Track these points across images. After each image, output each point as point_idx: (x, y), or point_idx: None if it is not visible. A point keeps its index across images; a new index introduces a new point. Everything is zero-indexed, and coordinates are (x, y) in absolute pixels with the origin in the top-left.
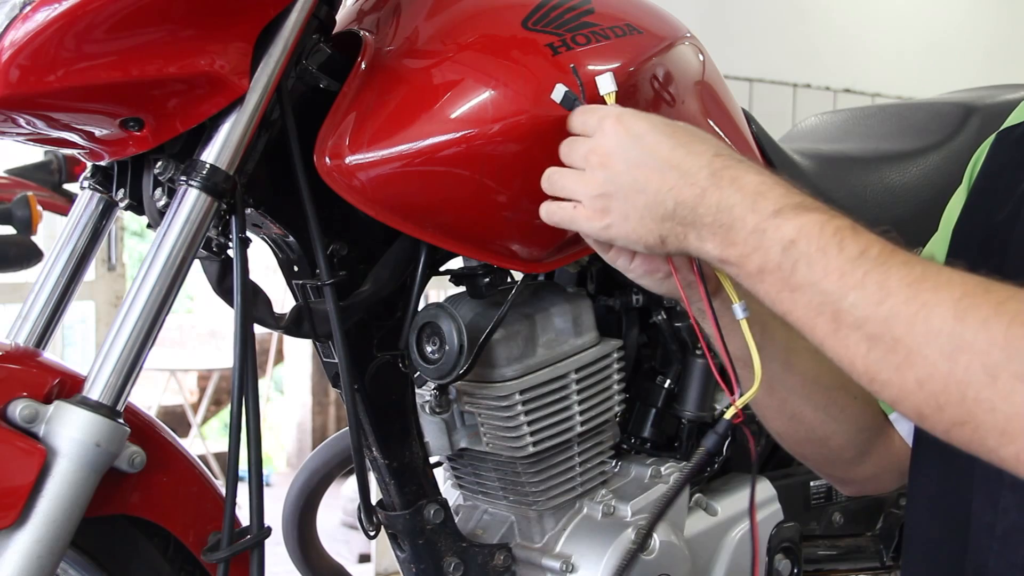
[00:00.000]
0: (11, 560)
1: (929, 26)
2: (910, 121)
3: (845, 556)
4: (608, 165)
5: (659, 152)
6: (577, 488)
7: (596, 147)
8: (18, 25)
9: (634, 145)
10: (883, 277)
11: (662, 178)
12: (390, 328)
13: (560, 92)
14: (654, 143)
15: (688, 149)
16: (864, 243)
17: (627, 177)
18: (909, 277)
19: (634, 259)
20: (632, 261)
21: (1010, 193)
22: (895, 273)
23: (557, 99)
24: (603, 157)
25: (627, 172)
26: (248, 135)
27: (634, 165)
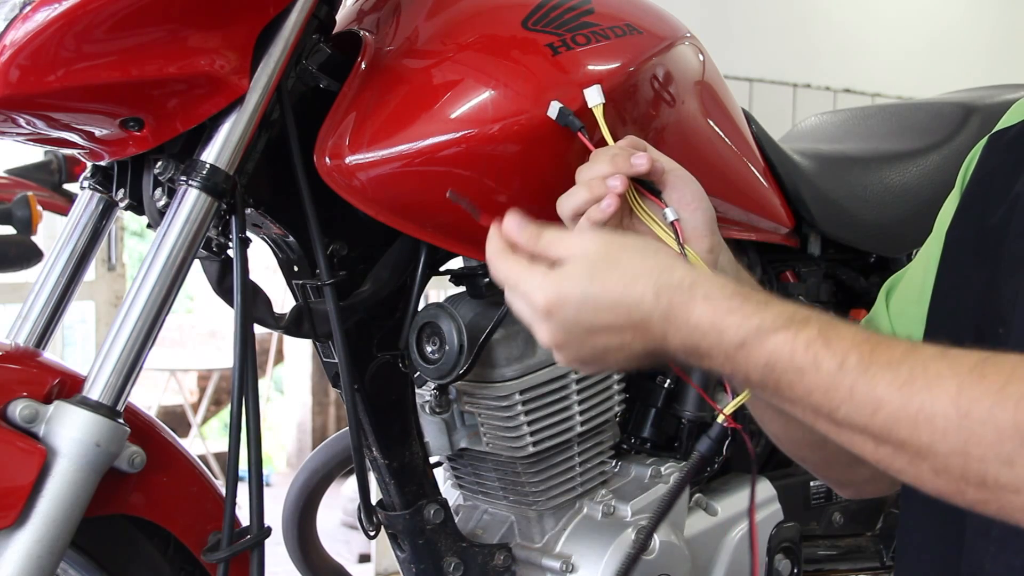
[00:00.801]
0: (11, 560)
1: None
2: (910, 121)
3: (845, 556)
4: (563, 344)
5: (601, 318)
6: (577, 488)
7: (540, 331)
8: (18, 25)
9: (576, 326)
10: (870, 387)
11: (620, 337)
12: (390, 328)
13: (555, 109)
14: (593, 313)
15: (626, 300)
16: (840, 353)
17: (587, 349)
18: (897, 380)
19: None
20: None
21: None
22: (881, 380)
23: (552, 115)
24: (554, 340)
25: (583, 345)
26: (248, 135)
27: (586, 337)
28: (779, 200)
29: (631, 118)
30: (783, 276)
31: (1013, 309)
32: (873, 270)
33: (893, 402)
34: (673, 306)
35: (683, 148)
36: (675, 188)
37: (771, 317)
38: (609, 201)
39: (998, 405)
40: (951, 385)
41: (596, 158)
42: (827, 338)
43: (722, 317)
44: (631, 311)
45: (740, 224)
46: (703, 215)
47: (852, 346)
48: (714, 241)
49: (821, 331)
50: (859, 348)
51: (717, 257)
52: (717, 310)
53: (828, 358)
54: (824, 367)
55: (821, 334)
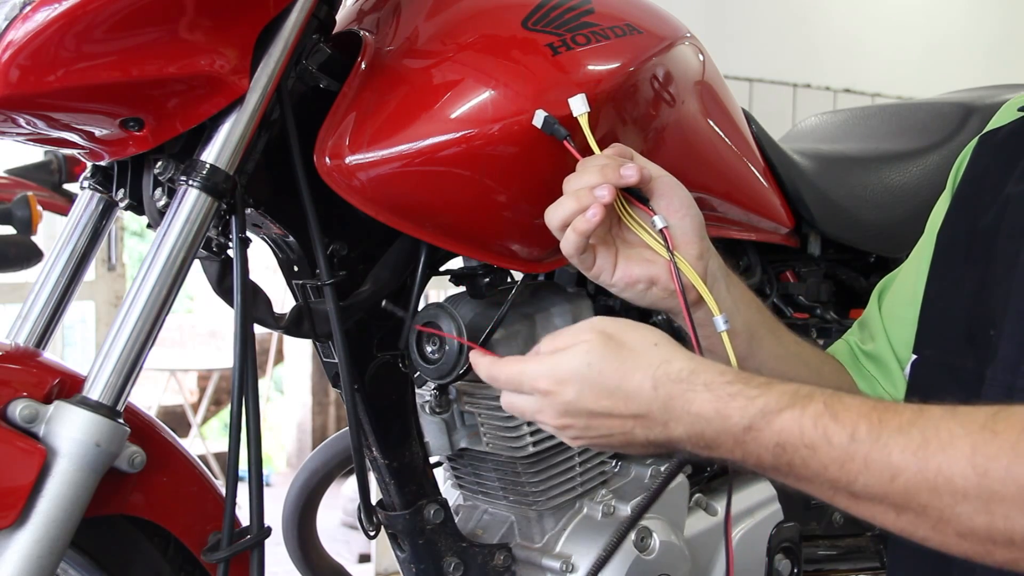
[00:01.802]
0: (11, 560)
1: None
2: (910, 121)
3: (845, 556)
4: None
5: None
6: (577, 488)
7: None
8: (18, 25)
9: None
10: (884, 454)
11: (623, 424)
12: (390, 328)
13: (540, 118)
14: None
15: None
16: (850, 425)
17: (591, 432)
18: (911, 445)
19: (614, 274)
20: (612, 276)
21: (994, 197)
22: (895, 446)
23: (538, 124)
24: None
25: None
26: (248, 135)
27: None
28: (779, 200)
29: (631, 118)
30: (783, 276)
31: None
32: (873, 270)
33: (910, 467)
34: (673, 397)
35: (683, 148)
36: (663, 195)
37: (775, 397)
38: (595, 211)
39: (1015, 461)
40: (965, 445)
41: (584, 168)
42: (834, 411)
43: (725, 403)
44: (629, 401)
45: (740, 224)
46: (692, 221)
47: (860, 416)
48: (703, 247)
49: (827, 405)
50: (868, 417)
51: (707, 263)
52: (719, 396)
53: (838, 431)
54: (836, 440)
55: (827, 408)
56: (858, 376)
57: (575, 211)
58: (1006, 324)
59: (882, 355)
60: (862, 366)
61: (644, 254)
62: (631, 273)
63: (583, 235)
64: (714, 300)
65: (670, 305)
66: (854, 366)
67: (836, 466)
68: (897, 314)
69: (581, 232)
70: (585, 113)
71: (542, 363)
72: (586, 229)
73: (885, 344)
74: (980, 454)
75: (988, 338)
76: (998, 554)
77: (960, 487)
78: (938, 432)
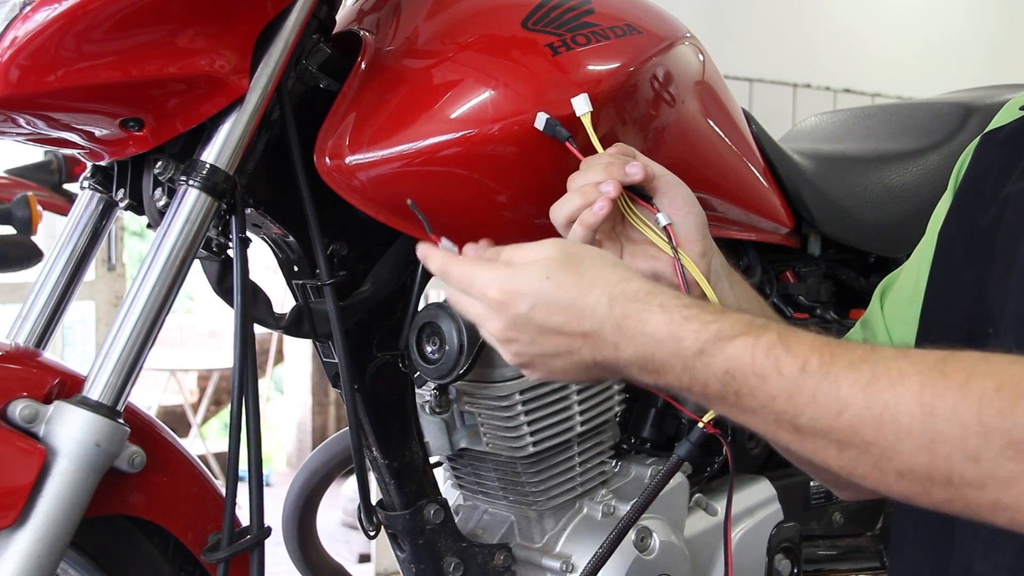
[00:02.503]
0: (11, 560)
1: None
2: (910, 121)
3: (845, 556)
4: (512, 340)
5: (554, 319)
6: (577, 488)
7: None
8: (18, 25)
9: (527, 321)
10: (833, 388)
11: (570, 342)
12: (390, 328)
13: (542, 120)
14: (546, 312)
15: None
16: (802, 356)
17: (536, 348)
18: (860, 381)
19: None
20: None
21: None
22: (844, 380)
23: (540, 126)
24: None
25: (533, 343)
26: (248, 135)
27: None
28: (779, 200)
29: (631, 118)
30: (783, 276)
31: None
32: (873, 270)
33: (857, 402)
34: (627, 315)
35: (683, 148)
36: (666, 193)
37: (730, 324)
38: (602, 204)
39: (962, 401)
40: (914, 383)
41: (588, 166)
42: (787, 343)
43: (679, 325)
44: (583, 317)
45: (740, 224)
46: (695, 219)
47: (812, 349)
48: (706, 244)
49: (780, 336)
50: (820, 351)
51: (710, 260)
52: (673, 319)
53: (790, 362)
54: (786, 371)
55: (781, 339)
56: None
57: (581, 207)
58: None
59: None
60: None
61: (648, 250)
62: (636, 267)
63: (590, 228)
64: (717, 297)
65: None
66: None
67: (784, 397)
68: (898, 313)
69: (588, 226)
70: (588, 113)
71: (497, 271)
72: (593, 222)
73: (887, 343)
74: (928, 393)
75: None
76: (935, 493)
77: (905, 424)
78: (888, 369)
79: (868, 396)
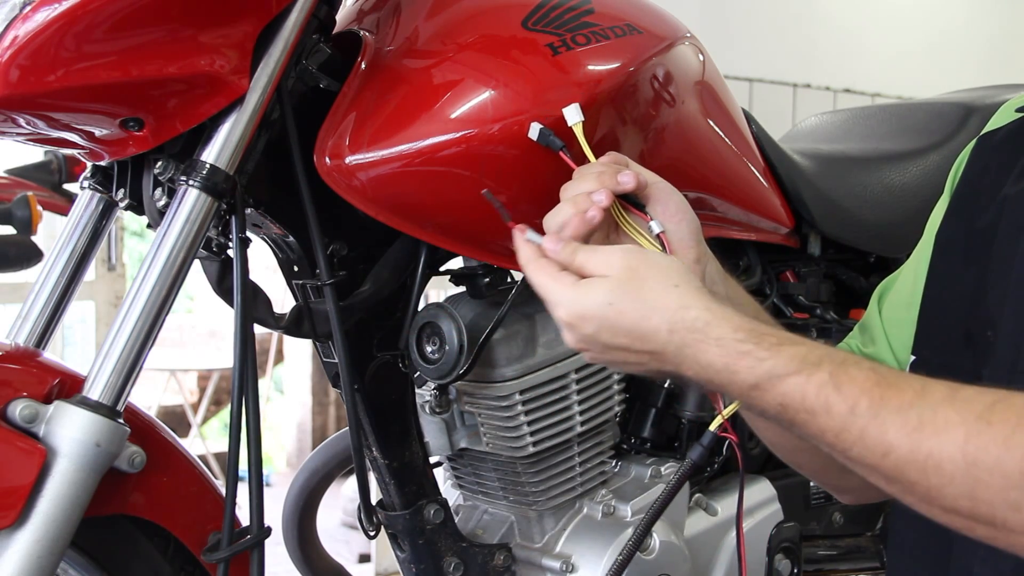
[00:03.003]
0: (11, 560)
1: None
2: (910, 121)
3: (845, 556)
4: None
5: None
6: (577, 488)
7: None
8: (18, 25)
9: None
10: (880, 431)
11: (638, 357)
12: (390, 328)
13: (535, 130)
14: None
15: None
16: (851, 398)
17: (607, 356)
18: (907, 426)
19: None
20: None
21: (991, 198)
22: (891, 424)
23: (533, 137)
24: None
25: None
26: (248, 135)
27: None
28: (779, 200)
29: (631, 118)
30: (783, 276)
31: (1001, 312)
32: (873, 270)
33: (903, 447)
34: (686, 344)
35: (683, 148)
36: (659, 201)
37: (783, 361)
38: (593, 213)
39: (1006, 454)
40: (959, 433)
41: (581, 176)
42: (838, 382)
43: (734, 360)
44: (645, 340)
45: (740, 224)
46: (688, 226)
47: (863, 391)
48: (700, 251)
49: (832, 375)
50: (870, 393)
51: (704, 267)
52: (729, 353)
53: (839, 403)
54: (835, 411)
55: (832, 378)
56: None
57: (573, 216)
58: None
59: (882, 358)
60: None
61: None
62: None
63: (581, 239)
64: None
65: None
66: None
67: (832, 434)
68: (897, 316)
69: (580, 235)
70: (579, 123)
71: (565, 291)
72: (584, 231)
73: (885, 347)
74: (972, 443)
75: (986, 339)
76: (979, 531)
77: (948, 472)
78: (935, 417)
79: (913, 442)
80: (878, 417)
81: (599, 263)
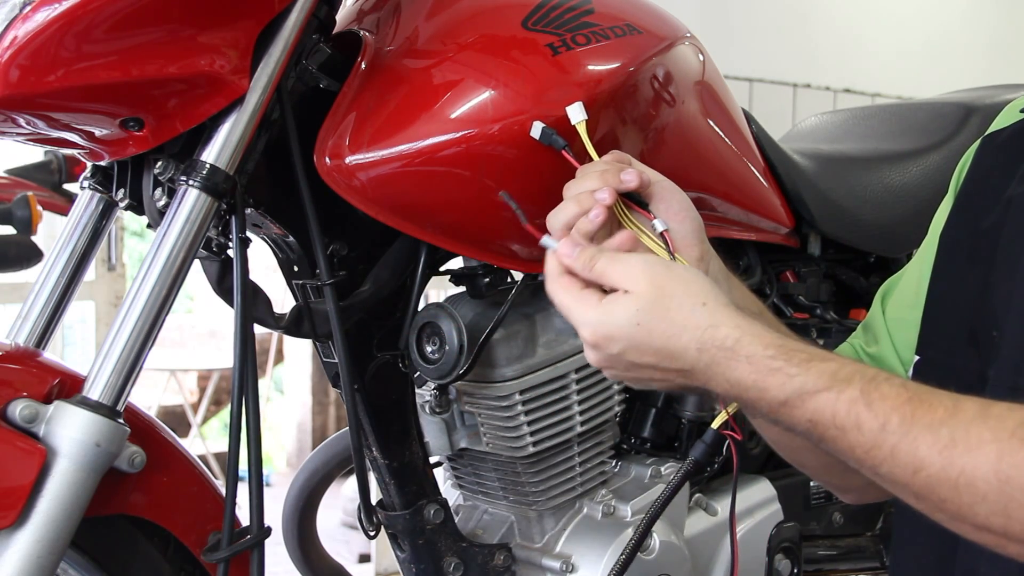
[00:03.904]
0: (11, 560)
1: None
2: (910, 121)
3: (845, 556)
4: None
5: (645, 359)
6: (577, 488)
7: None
8: (18, 25)
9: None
10: (911, 448)
11: (664, 374)
12: (390, 328)
13: (537, 129)
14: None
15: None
16: (882, 415)
17: (631, 373)
18: (939, 444)
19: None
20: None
21: (996, 199)
22: (922, 442)
23: (535, 135)
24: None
25: (629, 371)
26: (248, 135)
27: (631, 368)
28: (779, 200)
29: (631, 118)
30: (783, 276)
31: (1007, 313)
32: (873, 270)
33: (934, 464)
34: (715, 362)
35: (683, 148)
36: (662, 199)
37: (813, 377)
38: (597, 211)
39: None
40: (992, 451)
41: (584, 174)
42: (869, 399)
43: (764, 377)
44: (674, 359)
45: (740, 224)
46: (691, 224)
47: (894, 408)
48: (703, 249)
49: (863, 391)
50: (901, 410)
51: (707, 265)
52: (759, 370)
53: (870, 419)
54: (866, 428)
55: (863, 394)
56: None
57: (577, 214)
58: (1009, 325)
59: (886, 358)
60: None
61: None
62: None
63: (586, 236)
64: None
65: None
66: None
67: (863, 451)
68: (900, 316)
69: (584, 233)
70: (583, 121)
71: (589, 312)
72: (589, 230)
73: (889, 347)
74: (1005, 462)
75: (991, 339)
76: (1011, 548)
77: (981, 490)
78: (967, 435)
79: (945, 460)
80: (909, 434)
81: (621, 276)
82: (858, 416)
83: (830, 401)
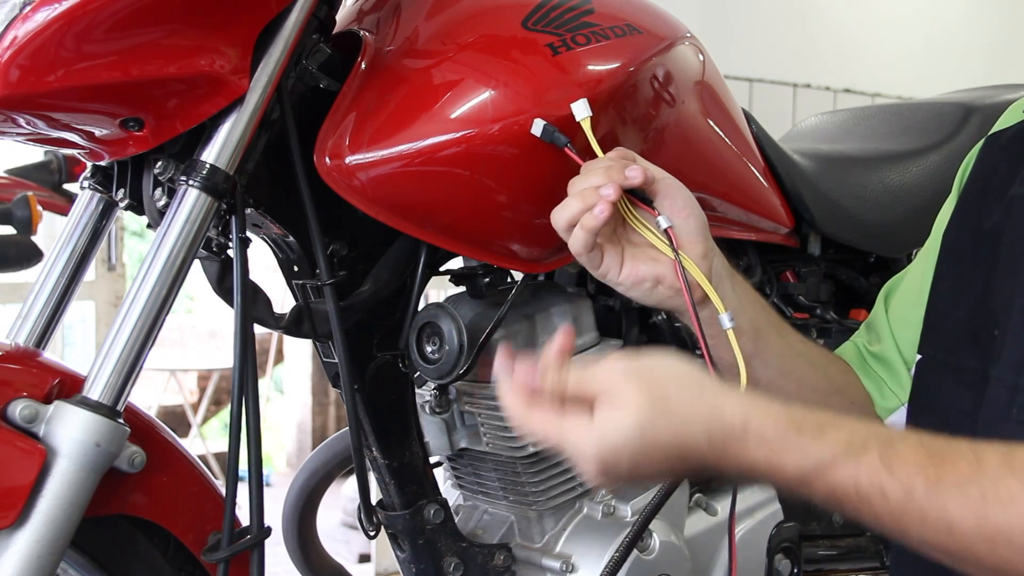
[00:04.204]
0: (11, 560)
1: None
2: (910, 121)
3: (845, 556)
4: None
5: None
6: (577, 488)
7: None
8: (18, 25)
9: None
10: (942, 511)
11: (670, 468)
12: (390, 328)
13: (539, 126)
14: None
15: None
16: (906, 479)
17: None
18: (969, 503)
19: (621, 272)
20: (620, 274)
21: (999, 198)
22: (952, 503)
23: (536, 133)
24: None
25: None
26: (248, 135)
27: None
28: (779, 200)
29: (631, 118)
30: (783, 276)
31: (1009, 311)
32: (873, 270)
33: (968, 524)
34: (727, 451)
35: (683, 148)
36: (666, 196)
37: (828, 449)
38: (602, 207)
39: None
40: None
41: (588, 170)
42: (889, 464)
43: (779, 457)
44: (684, 454)
45: (740, 224)
46: (695, 221)
47: (917, 471)
48: (707, 246)
49: (882, 456)
50: (924, 472)
51: (711, 262)
52: (772, 451)
53: (894, 487)
54: (891, 496)
55: (883, 460)
56: (865, 377)
57: (581, 210)
58: (1011, 324)
59: (889, 356)
60: (869, 367)
61: (650, 253)
62: (637, 271)
63: (591, 232)
64: (719, 298)
65: (676, 304)
66: (861, 367)
67: (891, 519)
68: (903, 315)
69: (589, 229)
70: (588, 117)
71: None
72: (594, 226)
73: (892, 345)
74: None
75: (992, 338)
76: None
77: (1019, 544)
78: (997, 489)
79: (979, 519)
80: (938, 497)
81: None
82: (882, 485)
83: (850, 474)
